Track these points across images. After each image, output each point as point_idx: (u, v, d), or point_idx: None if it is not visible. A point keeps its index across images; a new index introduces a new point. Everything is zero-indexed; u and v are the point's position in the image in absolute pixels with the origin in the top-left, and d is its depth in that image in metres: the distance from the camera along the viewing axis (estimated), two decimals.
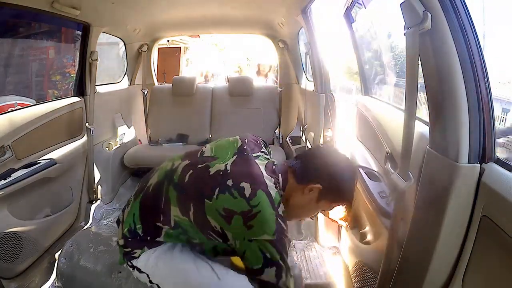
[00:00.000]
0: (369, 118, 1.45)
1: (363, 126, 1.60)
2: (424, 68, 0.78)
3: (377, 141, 1.34)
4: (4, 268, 1.36)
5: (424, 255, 0.79)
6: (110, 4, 1.75)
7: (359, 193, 1.33)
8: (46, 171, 1.58)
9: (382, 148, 1.26)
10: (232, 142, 0.98)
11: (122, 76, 2.72)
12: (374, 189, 1.20)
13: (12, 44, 4.12)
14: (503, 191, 0.64)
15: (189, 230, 0.90)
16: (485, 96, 0.70)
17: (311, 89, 1.98)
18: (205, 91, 2.79)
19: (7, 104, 3.51)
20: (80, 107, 1.92)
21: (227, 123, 2.66)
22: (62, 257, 1.22)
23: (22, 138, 1.48)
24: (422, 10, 0.71)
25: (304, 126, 2.00)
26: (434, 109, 0.78)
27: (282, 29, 2.40)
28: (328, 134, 1.78)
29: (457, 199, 0.71)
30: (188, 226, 0.88)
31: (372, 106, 1.53)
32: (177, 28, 2.73)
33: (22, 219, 1.46)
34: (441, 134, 0.75)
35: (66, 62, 4.77)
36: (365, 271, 1.18)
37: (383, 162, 1.26)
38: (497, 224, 0.64)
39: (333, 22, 1.70)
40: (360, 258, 1.20)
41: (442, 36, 0.70)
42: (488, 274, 0.69)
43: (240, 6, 2.07)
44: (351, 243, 1.38)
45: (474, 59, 0.70)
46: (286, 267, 0.79)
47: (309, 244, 1.74)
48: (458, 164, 0.70)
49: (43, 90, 4.63)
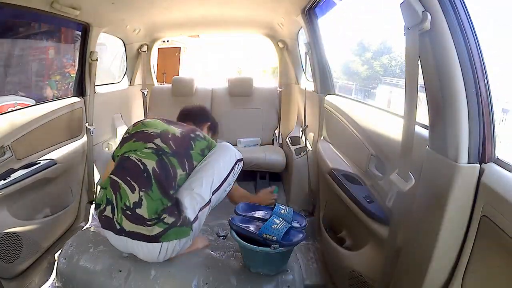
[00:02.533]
0: (342, 118, 1.45)
1: (332, 126, 1.61)
2: (423, 68, 0.78)
3: (354, 142, 1.34)
4: (4, 268, 1.36)
5: (423, 255, 0.79)
6: (110, 4, 1.75)
7: (336, 197, 1.33)
8: (46, 171, 1.58)
9: (362, 150, 1.26)
10: (154, 122, 1.31)
11: (122, 76, 2.72)
12: (357, 194, 1.20)
13: (12, 44, 4.12)
14: (503, 191, 0.64)
15: (182, 183, 1.18)
16: (485, 96, 0.70)
17: (311, 89, 1.98)
18: (205, 91, 2.79)
19: (7, 104, 3.51)
20: (80, 107, 1.92)
21: (227, 123, 2.65)
22: (62, 257, 1.21)
23: (22, 138, 1.48)
24: (421, 10, 0.71)
25: (304, 126, 2.00)
26: (434, 109, 0.78)
27: (281, 29, 2.40)
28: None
29: (456, 199, 0.71)
30: (183, 179, 1.18)
31: (345, 106, 1.53)
32: (177, 28, 2.73)
33: (22, 219, 1.46)
34: (441, 134, 0.75)
35: (65, 62, 4.77)
36: (362, 272, 1.18)
37: (363, 165, 1.26)
38: (497, 224, 0.64)
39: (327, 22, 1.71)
40: (359, 259, 1.20)
41: (441, 36, 0.71)
42: (488, 274, 0.69)
43: (239, 6, 2.07)
44: (348, 245, 1.38)
45: (474, 59, 0.70)
46: None
47: (309, 244, 1.74)
48: (457, 164, 0.70)
49: (43, 90, 4.62)
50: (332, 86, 1.83)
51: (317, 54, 1.77)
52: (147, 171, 1.12)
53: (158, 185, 1.11)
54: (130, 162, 1.15)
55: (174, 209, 1.10)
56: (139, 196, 1.09)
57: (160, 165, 1.14)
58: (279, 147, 2.58)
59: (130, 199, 1.09)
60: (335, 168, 1.42)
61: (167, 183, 1.13)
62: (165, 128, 1.26)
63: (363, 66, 4.49)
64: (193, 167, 1.21)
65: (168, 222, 1.07)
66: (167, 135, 1.23)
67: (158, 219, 1.07)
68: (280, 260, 1.12)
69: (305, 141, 1.98)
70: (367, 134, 1.25)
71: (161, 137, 1.21)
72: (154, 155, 1.15)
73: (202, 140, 1.29)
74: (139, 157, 1.15)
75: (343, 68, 4.39)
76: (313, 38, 1.76)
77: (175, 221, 1.07)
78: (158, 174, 1.12)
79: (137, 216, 1.08)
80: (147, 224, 1.07)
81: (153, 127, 1.26)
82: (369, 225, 1.10)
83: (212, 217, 1.99)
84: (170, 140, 1.21)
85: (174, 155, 1.18)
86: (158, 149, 1.17)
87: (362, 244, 1.20)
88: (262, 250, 1.04)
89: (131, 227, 1.08)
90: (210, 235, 1.38)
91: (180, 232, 1.08)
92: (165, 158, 1.15)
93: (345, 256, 1.27)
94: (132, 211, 1.08)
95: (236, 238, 1.09)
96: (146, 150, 1.17)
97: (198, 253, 1.23)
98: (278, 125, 2.75)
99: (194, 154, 1.23)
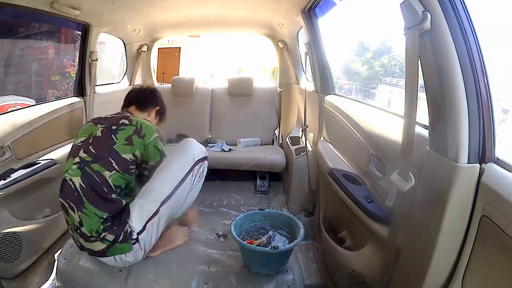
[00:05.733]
0: (342, 118, 1.45)
1: (332, 126, 1.60)
2: (423, 68, 0.78)
3: (354, 142, 1.33)
4: (4, 268, 1.36)
5: (423, 255, 0.79)
6: (110, 4, 1.75)
7: (336, 197, 1.33)
8: (46, 171, 1.58)
9: (362, 150, 1.26)
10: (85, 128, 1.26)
11: (122, 76, 2.72)
12: (357, 194, 1.20)
13: (12, 44, 4.12)
14: (503, 191, 0.64)
15: (120, 181, 1.13)
16: (485, 96, 0.70)
17: (311, 89, 1.98)
18: (205, 91, 2.79)
19: (7, 104, 3.51)
20: (80, 107, 1.92)
21: (227, 123, 2.66)
22: (62, 257, 1.21)
23: (22, 138, 1.48)
24: (421, 10, 0.71)
25: (304, 126, 2.00)
26: (434, 109, 0.78)
27: (281, 29, 2.41)
28: None
29: (456, 199, 0.71)
30: (118, 177, 1.13)
31: (345, 106, 1.52)
32: (177, 28, 2.73)
33: (22, 219, 1.46)
34: (441, 134, 0.75)
35: (65, 62, 4.77)
36: (362, 272, 1.18)
37: (363, 165, 1.26)
38: (497, 224, 0.64)
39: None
40: (359, 259, 1.20)
41: (441, 36, 0.71)
42: (488, 274, 0.69)
43: (239, 6, 2.07)
44: (348, 245, 1.38)
45: (474, 59, 0.70)
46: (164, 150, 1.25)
47: (309, 244, 1.74)
48: (457, 164, 0.70)
49: (43, 90, 4.62)
50: (332, 86, 1.83)
51: (317, 54, 1.77)
52: (77, 189, 1.10)
53: (88, 200, 1.09)
54: (65, 183, 1.13)
55: (115, 223, 1.09)
56: (78, 215, 1.09)
57: (84, 178, 1.10)
58: (279, 147, 2.58)
59: (75, 219, 1.10)
60: (335, 168, 1.42)
61: (97, 193, 1.09)
62: (90, 132, 1.20)
63: (363, 66, 4.49)
64: (126, 160, 1.15)
65: (109, 239, 1.08)
66: (88, 141, 1.18)
67: (98, 237, 1.08)
68: (280, 260, 1.12)
69: (305, 141, 1.98)
70: (367, 134, 1.25)
71: (83, 147, 1.17)
72: (78, 170, 1.12)
73: (126, 127, 1.19)
74: (70, 176, 1.13)
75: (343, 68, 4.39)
76: (313, 38, 1.76)
77: (115, 238, 1.08)
78: (85, 188, 1.09)
79: (83, 234, 1.10)
80: (91, 241, 1.09)
81: (83, 135, 1.21)
82: (369, 225, 1.10)
83: (212, 217, 1.98)
84: (90, 146, 1.16)
85: (96, 160, 1.13)
86: (81, 161, 1.14)
87: (362, 244, 1.20)
88: (262, 250, 1.05)
89: (85, 244, 1.11)
90: (210, 235, 1.37)
91: (122, 248, 1.09)
92: (87, 169, 1.11)
93: (345, 256, 1.27)
94: (80, 230, 1.10)
95: (236, 238, 1.09)
96: (74, 166, 1.14)
97: (198, 253, 1.23)
98: (278, 125, 2.75)
99: (119, 148, 1.15)
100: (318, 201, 1.79)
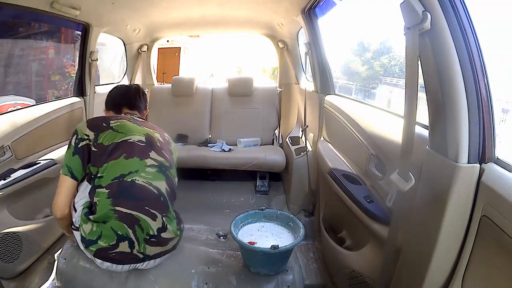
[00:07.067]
0: (342, 118, 1.45)
1: (332, 126, 1.60)
2: (423, 68, 0.78)
3: (354, 142, 1.33)
4: (4, 268, 1.36)
5: (424, 255, 0.79)
6: (110, 4, 1.75)
7: (336, 197, 1.32)
8: (46, 171, 1.58)
9: (362, 150, 1.26)
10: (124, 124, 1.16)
11: (122, 77, 2.72)
12: (357, 194, 1.20)
13: (12, 44, 4.12)
14: (502, 191, 0.64)
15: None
16: (485, 96, 0.70)
17: (311, 89, 1.98)
18: (205, 91, 2.78)
19: (7, 104, 3.51)
20: (80, 107, 1.92)
21: (227, 123, 2.66)
22: (62, 257, 1.21)
23: (22, 138, 1.48)
24: (421, 10, 0.71)
25: (304, 126, 2.00)
26: (434, 109, 0.78)
27: (281, 29, 2.41)
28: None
29: (456, 199, 0.71)
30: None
31: (345, 106, 1.52)
32: (177, 28, 2.73)
33: (22, 219, 1.46)
34: (441, 134, 0.75)
35: (65, 62, 4.77)
36: (362, 272, 1.18)
37: (363, 165, 1.26)
38: (497, 224, 0.64)
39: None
40: (359, 259, 1.20)
41: (441, 36, 0.71)
42: (488, 274, 0.69)
43: (239, 6, 2.07)
44: (348, 245, 1.38)
45: (474, 59, 0.70)
46: None
47: (309, 244, 1.74)
48: (457, 164, 0.70)
49: (42, 90, 4.62)
50: (332, 86, 1.83)
51: (317, 54, 1.77)
52: (163, 195, 1.08)
53: (172, 203, 1.12)
54: (141, 189, 1.04)
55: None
56: (162, 221, 1.06)
57: (168, 183, 1.11)
58: (279, 147, 2.58)
59: (154, 227, 1.04)
60: (335, 168, 1.42)
61: (174, 195, 1.15)
62: (145, 132, 1.14)
63: (363, 66, 4.49)
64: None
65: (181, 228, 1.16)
66: (155, 143, 1.14)
67: (177, 231, 1.13)
68: (280, 260, 1.12)
69: (305, 141, 1.98)
70: (367, 134, 1.25)
71: (152, 147, 1.12)
72: (161, 174, 1.10)
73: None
74: (147, 180, 1.05)
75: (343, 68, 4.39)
76: (313, 38, 1.76)
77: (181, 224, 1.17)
78: (170, 193, 1.11)
79: (162, 240, 1.07)
80: (170, 239, 1.10)
81: (129, 131, 1.11)
82: (369, 225, 1.10)
83: (213, 217, 1.97)
84: (163, 150, 1.15)
85: (172, 166, 1.16)
86: (160, 165, 1.11)
87: (362, 244, 1.20)
88: (262, 250, 1.04)
89: (155, 250, 1.07)
90: (210, 235, 1.37)
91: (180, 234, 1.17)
92: (169, 174, 1.13)
93: (345, 256, 1.27)
94: (157, 237, 1.05)
95: (236, 238, 1.09)
96: (149, 169, 1.07)
97: (198, 253, 1.23)
98: (278, 125, 2.75)
99: (175, 157, 1.24)
100: (318, 201, 1.79)
